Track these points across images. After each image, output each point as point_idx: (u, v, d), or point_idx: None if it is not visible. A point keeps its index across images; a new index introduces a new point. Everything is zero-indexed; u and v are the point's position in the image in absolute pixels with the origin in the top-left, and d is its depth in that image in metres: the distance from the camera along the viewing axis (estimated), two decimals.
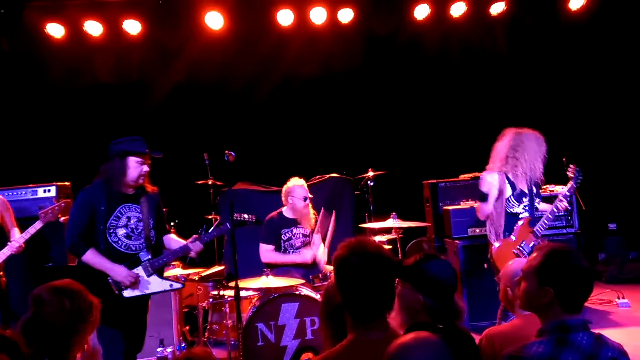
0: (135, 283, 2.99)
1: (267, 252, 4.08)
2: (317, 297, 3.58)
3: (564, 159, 3.84)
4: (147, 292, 3.05)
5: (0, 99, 5.69)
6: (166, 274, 3.84)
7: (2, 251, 3.55)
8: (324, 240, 4.27)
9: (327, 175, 5.18)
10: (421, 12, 5.60)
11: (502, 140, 3.55)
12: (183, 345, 4.16)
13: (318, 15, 5.56)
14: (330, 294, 2.04)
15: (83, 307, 1.97)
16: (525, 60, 6.12)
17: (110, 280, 2.98)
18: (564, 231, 4.59)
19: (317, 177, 5.14)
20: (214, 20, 5.45)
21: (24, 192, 4.41)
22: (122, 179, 3.05)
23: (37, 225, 3.64)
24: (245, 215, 3.19)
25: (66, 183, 4.66)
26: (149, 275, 3.04)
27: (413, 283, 1.87)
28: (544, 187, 4.54)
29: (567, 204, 3.54)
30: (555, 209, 3.50)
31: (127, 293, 3.00)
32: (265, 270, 3.70)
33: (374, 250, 1.73)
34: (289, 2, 5.54)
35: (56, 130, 5.80)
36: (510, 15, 5.69)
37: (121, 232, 3.04)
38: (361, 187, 4.85)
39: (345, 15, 5.57)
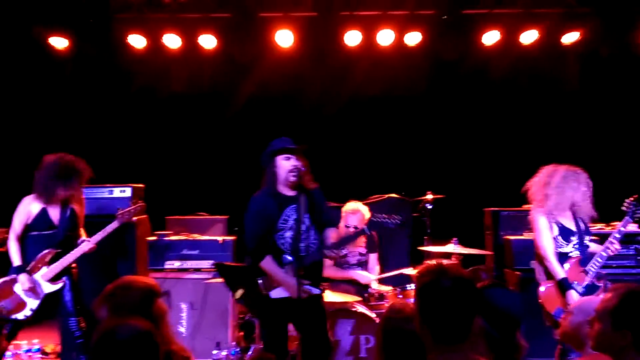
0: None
1: (326, 267, 4.15)
2: (373, 315, 3.63)
3: (635, 196, 3.72)
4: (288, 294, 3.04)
5: (84, 103, 6.12)
6: None
7: (75, 250, 3.79)
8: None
9: (386, 195, 5.23)
10: (490, 38, 5.58)
11: (540, 176, 3.49)
12: (237, 350, 4.29)
13: (385, 37, 5.65)
14: (393, 323, 2.06)
15: None
16: (597, 93, 5.96)
17: (259, 281, 3.07)
18: (633, 271, 4.40)
19: (376, 196, 5.20)
20: (285, 38, 5.65)
21: (101, 192, 4.72)
22: (277, 180, 3.13)
23: (114, 225, 3.89)
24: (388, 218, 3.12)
25: (140, 185, 4.95)
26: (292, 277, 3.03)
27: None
28: (598, 224, 4.36)
29: (618, 246, 3.37)
30: (604, 253, 3.36)
31: (273, 294, 3.07)
32: (323, 284, 3.77)
33: (463, 275, 1.79)
34: (357, 23, 5.67)
35: (134, 135, 6.16)
36: (584, 45, 5.56)
37: (288, 234, 3.11)
38: (419, 209, 4.86)
39: (413, 38, 5.63)
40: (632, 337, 1.73)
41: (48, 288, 3.78)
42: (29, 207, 3.82)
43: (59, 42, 5.65)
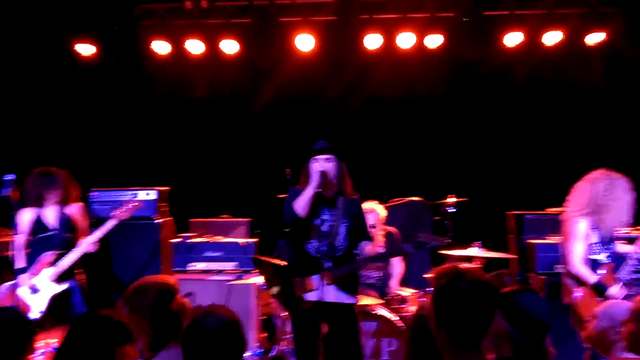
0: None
1: None
2: (395, 318, 3.63)
3: None
4: (324, 299, 3.05)
5: (109, 107, 6.27)
6: None
7: (77, 248, 3.83)
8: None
9: (407, 199, 5.23)
10: (513, 39, 5.52)
11: (589, 181, 3.41)
12: (260, 351, 4.33)
13: (405, 40, 5.64)
14: (421, 320, 2.08)
15: None
16: (623, 95, 5.85)
17: (294, 281, 3.11)
18: None
19: (397, 199, 5.20)
20: (305, 42, 5.69)
21: (127, 195, 4.82)
22: (309, 181, 3.18)
23: (110, 223, 3.91)
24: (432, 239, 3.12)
25: (165, 188, 5.04)
26: (327, 284, 3.06)
27: (502, 309, 1.91)
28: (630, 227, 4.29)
29: None
30: (634, 261, 3.32)
31: (308, 296, 3.11)
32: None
33: (480, 278, 1.78)
34: (377, 26, 5.68)
35: (159, 139, 6.28)
36: (608, 46, 5.48)
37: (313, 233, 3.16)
38: (441, 212, 4.85)
39: (433, 40, 5.61)
40: None
41: (54, 289, 3.82)
42: (23, 218, 3.90)
43: (85, 49, 5.79)
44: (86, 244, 3.87)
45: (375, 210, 4.21)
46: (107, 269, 4.78)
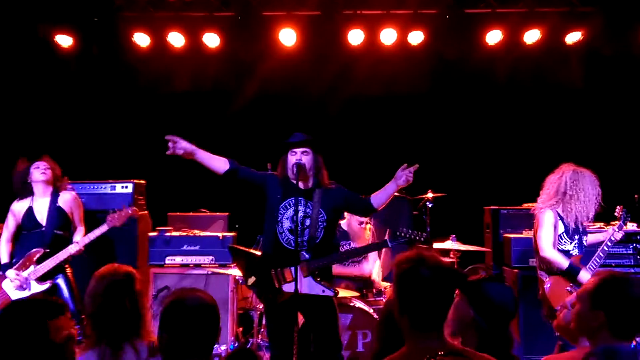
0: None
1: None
2: (371, 311, 3.63)
3: (636, 196, 3.73)
4: (301, 291, 3.04)
5: (88, 99, 6.18)
6: None
7: (62, 252, 3.80)
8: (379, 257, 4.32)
9: None
10: (493, 37, 5.57)
11: (557, 174, 3.52)
12: (236, 344, 4.31)
13: (388, 37, 5.65)
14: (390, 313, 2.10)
15: None
16: (600, 93, 5.93)
17: (272, 272, 3.09)
18: (632, 270, 4.40)
19: None
20: (288, 37, 5.68)
21: (104, 187, 4.77)
22: (286, 173, 3.21)
23: (102, 228, 3.87)
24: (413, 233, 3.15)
25: (142, 181, 4.99)
26: (304, 277, 3.06)
27: (469, 297, 1.97)
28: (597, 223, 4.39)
29: (612, 243, 3.52)
30: (602, 254, 3.49)
31: (286, 287, 3.09)
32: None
33: (442, 264, 1.80)
34: (360, 22, 5.69)
35: (137, 132, 6.20)
36: (587, 45, 5.54)
37: (286, 224, 3.16)
38: (419, 207, 4.87)
39: (416, 37, 5.63)
40: (605, 318, 1.74)
41: (35, 288, 3.77)
42: (15, 208, 3.88)
43: (64, 40, 5.71)
44: (73, 248, 3.82)
45: None
46: (92, 262, 4.70)
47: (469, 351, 1.80)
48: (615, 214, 3.59)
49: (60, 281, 3.86)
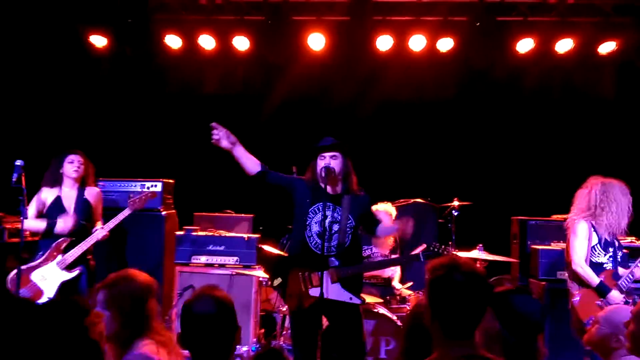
0: None
1: None
2: (394, 318, 3.63)
3: None
4: (328, 296, 3.08)
5: (120, 99, 6.32)
6: None
7: (89, 238, 3.88)
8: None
9: (412, 200, 5.23)
10: (524, 46, 5.51)
11: (587, 188, 3.50)
12: (257, 346, 4.34)
13: (417, 43, 5.64)
14: (418, 317, 2.10)
15: None
16: (632, 105, 5.82)
17: (300, 275, 3.13)
18: None
19: (402, 200, 5.21)
20: (317, 41, 5.71)
21: (134, 185, 4.86)
22: (315, 176, 3.24)
23: (126, 212, 3.97)
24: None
25: (171, 181, 5.07)
26: (332, 282, 3.10)
27: (495, 309, 1.93)
28: (629, 237, 4.32)
29: None
30: (636, 271, 3.42)
31: (312, 292, 3.13)
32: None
33: (476, 270, 1.80)
34: (389, 28, 5.69)
35: (167, 133, 6.32)
36: (620, 56, 5.45)
37: (315, 228, 3.19)
38: (445, 215, 4.85)
39: (445, 44, 5.61)
40: None
41: (64, 276, 3.85)
42: (43, 195, 3.97)
43: (98, 40, 5.85)
44: (100, 233, 3.91)
45: (389, 213, 4.23)
46: (119, 258, 4.81)
47: None
48: None
49: (82, 270, 3.93)
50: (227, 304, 1.92)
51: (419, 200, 5.28)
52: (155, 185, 4.86)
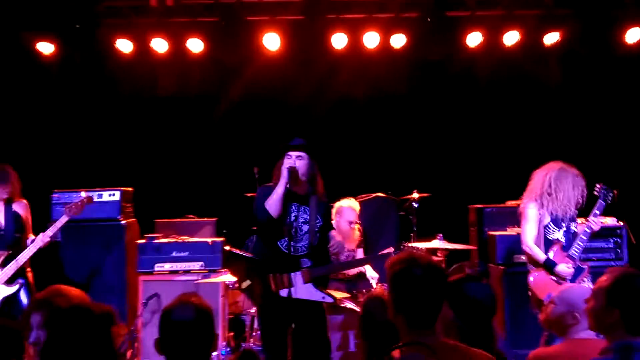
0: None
1: None
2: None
3: (615, 191, 3.82)
4: (299, 297, 3.08)
5: (71, 107, 6.13)
6: None
7: (30, 247, 3.81)
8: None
9: (373, 195, 5.31)
10: (474, 39, 5.67)
11: (543, 171, 3.62)
12: (228, 349, 4.32)
13: (371, 40, 5.71)
14: (371, 311, 2.16)
15: None
16: (578, 91, 6.09)
17: (270, 277, 3.09)
18: (613, 264, 4.50)
19: (364, 195, 5.28)
20: (272, 42, 5.70)
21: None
22: (280, 177, 3.18)
23: (63, 219, 3.91)
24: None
25: (129, 189, 4.97)
26: (304, 283, 3.10)
27: (449, 298, 2.03)
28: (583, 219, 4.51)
29: (596, 226, 3.52)
30: (584, 236, 3.52)
31: (282, 292, 3.10)
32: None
33: (433, 263, 1.87)
34: (343, 26, 5.74)
35: (123, 139, 6.17)
36: (565, 46, 5.68)
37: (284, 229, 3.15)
38: (406, 208, 4.95)
39: (398, 40, 5.70)
40: (619, 315, 1.82)
41: (5, 291, 3.74)
42: None
43: (46, 48, 5.65)
44: (38, 242, 3.81)
45: (353, 208, 4.29)
46: (78, 271, 4.68)
47: (462, 346, 1.87)
48: (595, 192, 3.58)
49: (22, 283, 3.84)
50: (206, 311, 1.94)
51: (379, 194, 5.36)
52: (113, 194, 4.75)
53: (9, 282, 3.77)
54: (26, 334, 2.07)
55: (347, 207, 4.25)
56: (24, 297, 3.83)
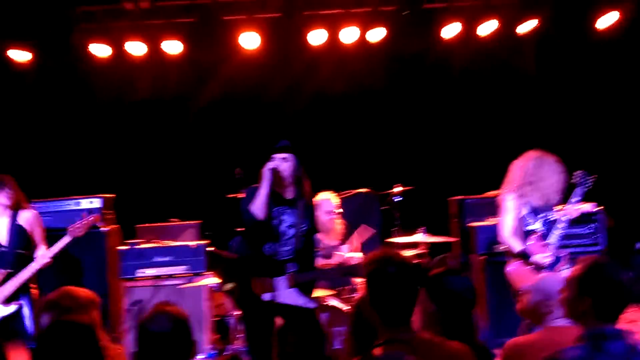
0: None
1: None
2: (345, 308, 3.67)
3: (594, 177, 3.83)
4: (283, 301, 3.06)
5: (47, 114, 6.05)
6: None
7: (30, 266, 3.67)
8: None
9: (356, 190, 5.30)
10: (451, 30, 5.67)
11: (522, 161, 3.61)
12: (213, 352, 4.29)
13: (349, 35, 5.69)
14: (362, 308, 2.17)
15: None
16: (554, 79, 6.11)
17: (254, 280, 3.08)
18: (590, 249, 4.50)
19: (346, 191, 5.26)
20: (249, 40, 5.66)
21: (67, 204, 4.65)
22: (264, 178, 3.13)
23: (65, 240, 3.75)
24: None
25: (110, 195, 4.90)
26: (289, 287, 3.09)
27: (429, 292, 2.11)
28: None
29: (574, 210, 3.53)
30: (561, 224, 3.51)
31: (265, 296, 3.09)
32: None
33: (406, 261, 1.94)
34: (321, 22, 5.72)
35: (101, 144, 6.10)
36: (539, 33, 5.70)
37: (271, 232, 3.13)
38: (388, 202, 4.94)
39: (375, 34, 5.69)
40: (591, 303, 1.84)
41: (2, 311, 3.63)
42: None
43: (19, 55, 5.58)
44: (39, 261, 3.71)
45: (329, 199, 4.26)
46: (61, 280, 4.59)
47: (437, 339, 1.90)
48: (574, 179, 3.57)
49: (24, 305, 3.73)
50: (182, 320, 1.93)
51: (362, 190, 5.35)
52: (93, 202, 4.68)
53: (7, 302, 3.63)
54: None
55: (323, 200, 4.23)
56: (28, 318, 3.68)
